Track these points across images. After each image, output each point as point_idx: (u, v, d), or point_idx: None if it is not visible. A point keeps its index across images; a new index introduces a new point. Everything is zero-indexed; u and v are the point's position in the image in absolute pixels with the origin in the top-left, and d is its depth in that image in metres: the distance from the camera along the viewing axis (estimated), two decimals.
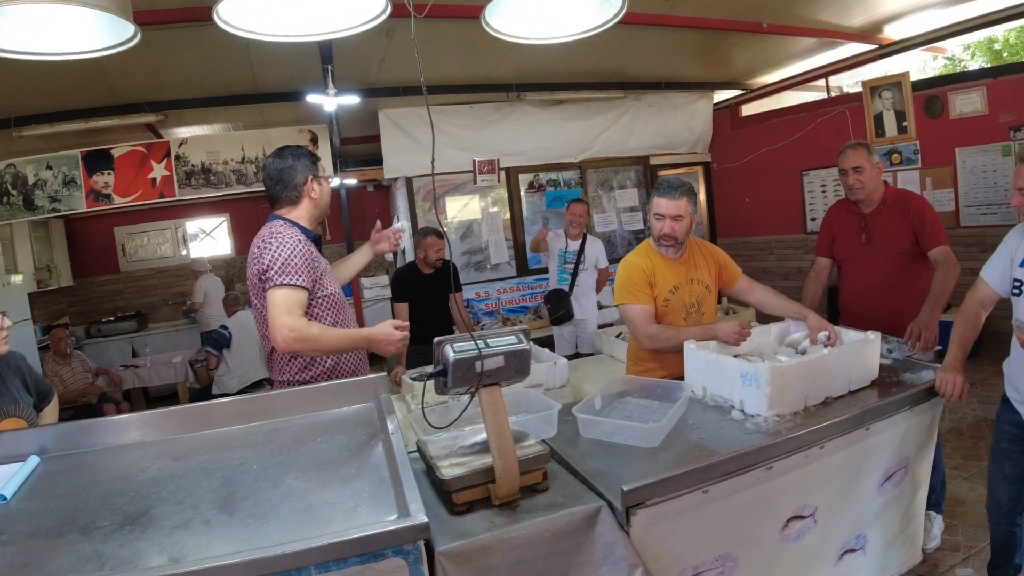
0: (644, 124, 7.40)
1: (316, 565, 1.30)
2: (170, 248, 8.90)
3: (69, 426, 2.14)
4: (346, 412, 2.11)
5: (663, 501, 1.77)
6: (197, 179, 6.41)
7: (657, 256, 2.86)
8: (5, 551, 1.49)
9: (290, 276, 2.28)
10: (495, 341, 1.63)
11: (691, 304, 2.86)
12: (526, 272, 7.06)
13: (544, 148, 6.98)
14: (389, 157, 6.49)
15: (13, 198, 6.38)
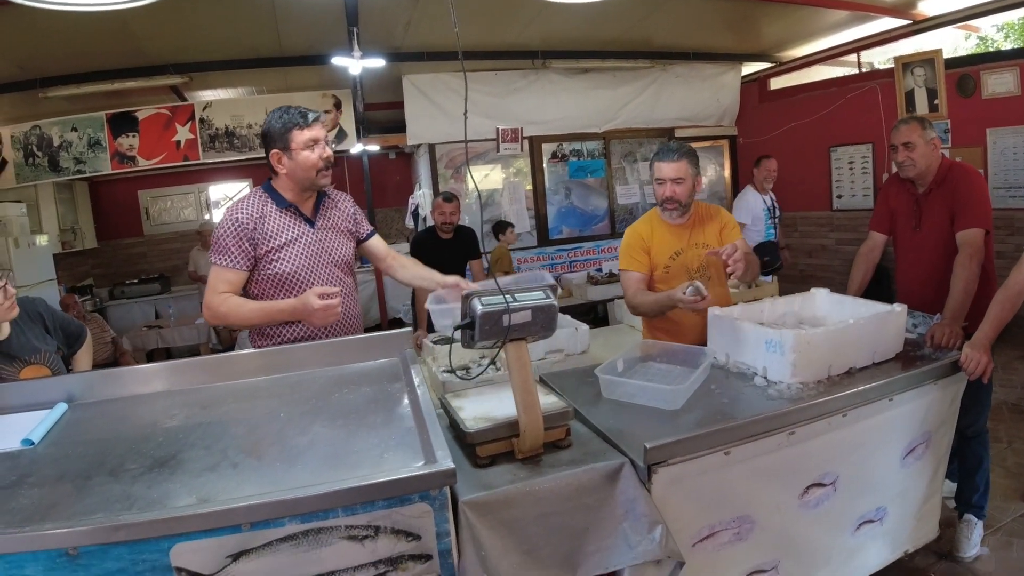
0: (670, 95, 7.29)
1: (344, 507, 1.33)
2: (193, 212, 8.97)
3: (96, 374, 2.19)
4: (371, 366, 2.13)
5: (684, 460, 1.77)
6: (221, 142, 6.44)
7: (660, 222, 2.86)
8: (33, 493, 1.53)
9: (217, 255, 2.32)
10: (523, 296, 1.62)
11: (695, 269, 2.83)
12: (547, 243, 7.04)
13: (568, 117, 6.91)
14: (412, 123, 6.46)
15: (38, 159, 6.46)
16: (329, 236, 2.47)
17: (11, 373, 2.20)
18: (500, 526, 1.57)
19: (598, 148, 7.25)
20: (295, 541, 1.34)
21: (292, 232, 2.39)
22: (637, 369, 2.41)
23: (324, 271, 2.43)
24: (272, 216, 2.37)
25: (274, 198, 2.40)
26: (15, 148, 6.44)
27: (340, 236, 2.52)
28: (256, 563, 1.35)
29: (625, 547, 1.67)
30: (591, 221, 7.27)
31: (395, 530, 1.37)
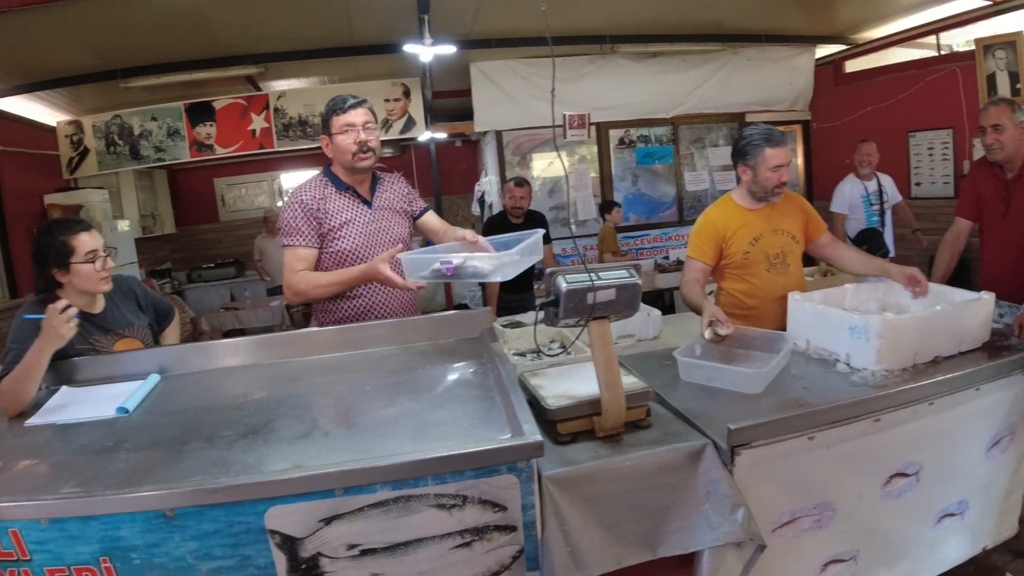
0: (741, 79, 7.11)
1: (434, 476, 1.35)
2: (266, 199, 9.24)
3: (187, 347, 2.29)
4: (451, 343, 2.16)
5: (768, 443, 1.74)
6: (294, 131, 6.60)
7: (736, 208, 2.81)
8: (129, 457, 1.61)
9: (288, 237, 2.48)
10: (607, 274, 1.62)
11: (775, 255, 2.77)
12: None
13: (636, 103, 6.81)
14: (480, 110, 6.49)
15: (119, 148, 6.74)
16: (385, 216, 2.61)
17: (105, 345, 2.30)
18: (582, 502, 1.57)
19: (666, 134, 7.13)
20: (385, 507, 1.38)
21: (351, 212, 2.54)
22: (714, 353, 2.38)
23: (381, 249, 2.52)
24: (332, 197, 2.53)
25: (333, 181, 2.56)
26: (97, 137, 6.74)
27: (396, 216, 2.66)
28: (347, 528, 1.39)
29: (707, 528, 1.65)
30: (658, 208, 7.17)
31: (482, 500, 1.39)
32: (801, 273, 2.88)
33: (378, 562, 1.42)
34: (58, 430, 1.84)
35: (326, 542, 1.40)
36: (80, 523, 1.38)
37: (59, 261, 2.20)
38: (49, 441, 1.77)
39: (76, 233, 2.22)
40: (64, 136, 6.78)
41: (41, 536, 1.39)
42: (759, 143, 2.70)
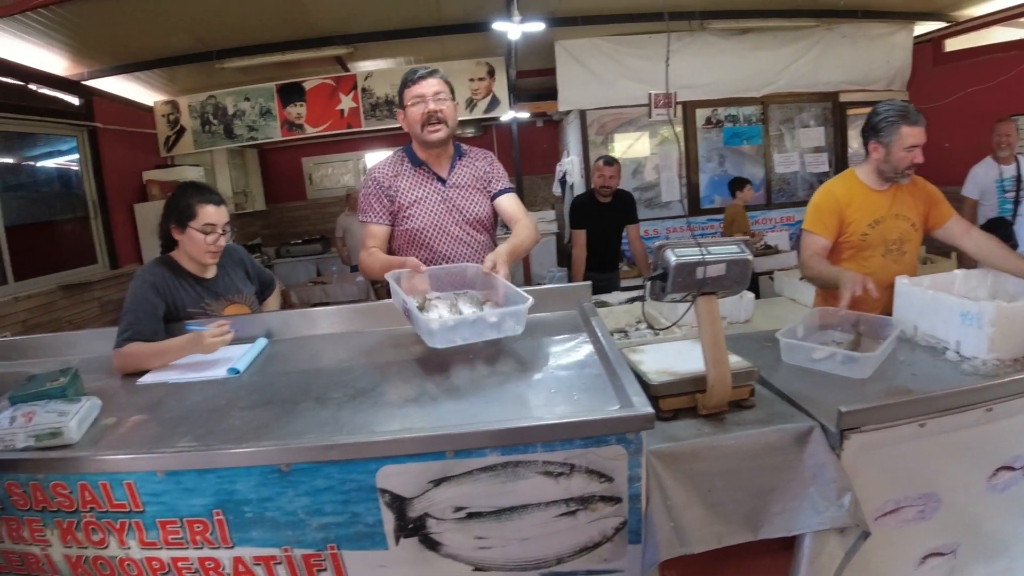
0: (836, 56, 6.80)
1: (543, 443, 1.37)
2: (351, 178, 9.47)
3: (293, 313, 2.38)
4: (549, 316, 2.17)
5: (878, 429, 1.68)
6: (381, 111, 6.73)
7: (860, 186, 2.69)
8: (244, 415, 1.68)
9: (362, 214, 2.54)
10: (717, 249, 1.59)
11: (893, 241, 2.67)
12: (697, 211, 6.83)
13: (725, 81, 6.61)
14: (564, 89, 6.43)
15: (214, 127, 7.02)
16: (461, 194, 2.55)
17: (216, 309, 2.42)
18: (685, 478, 1.56)
19: (755, 113, 6.90)
20: (494, 472, 1.40)
21: (422, 190, 2.51)
22: (815, 336, 2.31)
23: (453, 228, 2.53)
24: (406, 174, 2.53)
25: (409, 157, 2.56)
26: (192, 116, 7.05)
27: (474, 193, 2.58)
28: (455, 490, 1.42)
29: (812, 511, 1.61)
30: None
31: (589, 470, 1.40)
32: (915, 262, 2.76)
33: (483, 526, 1.45)
34: (170, 389, 1.93)
35: (434, 503, 1.43)
36: (196, 476, 1.45)
37: (180, 219, 2.33)
38: (162, 399, 1.85)
39: (205, 202, 2.34)
40: (161, 115, 7.12)
41: (156, 488, 1.47)
42: (895, 120, 2.58)
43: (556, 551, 1.48)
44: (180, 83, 6.89)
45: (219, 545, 1.49)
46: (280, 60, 6.22)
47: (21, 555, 1.60)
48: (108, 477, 1.47)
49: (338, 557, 1.49)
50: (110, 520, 1.51)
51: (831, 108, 7.05)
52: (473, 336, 1.77)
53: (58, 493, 1.50)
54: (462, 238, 2.54)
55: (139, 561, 1.54)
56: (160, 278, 2.30)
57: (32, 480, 1.50)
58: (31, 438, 1.56)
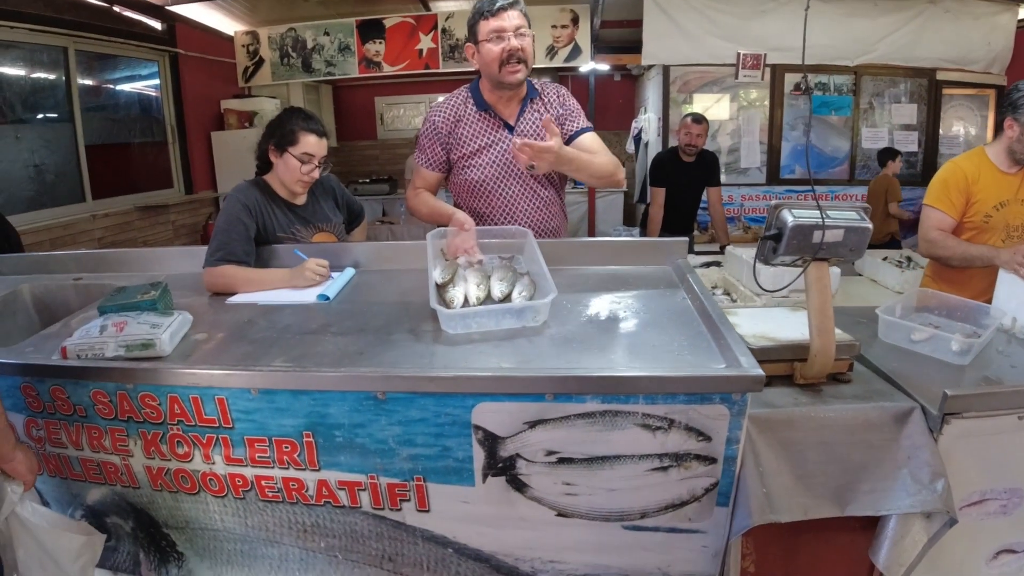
0: (935, 32, 6.41)
1: (645, 395, 1.35)
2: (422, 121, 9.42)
3: (381, 245, 2.39)
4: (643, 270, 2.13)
5: (980, 417, 1.63)
6: (460, 53, 6.63)
7: (989, 165, 2.57)
8: (337, 340, 1.69)
9: (417, 154, 2.48)
10: (836, 214, 1.52)
11: (1016, 227, 2.55)
12: (776, 181, 6.60)
13: (818, 46, 6.26)
14: (649, 43, 6.22)
15: (292, 60, 7.04)
16: None
17: (305, 236, 2.45)
18: (778, 445, 1.53)
19: (847, 83, 6.57)
20: (591, 419, 1.39)
21: (486, 138, 2.34)
22: (912, 318, 2.23)
23: (516, 181, 2.38)
24: (469, 119, 2.34)
25: (475, 99, 2.35)
26: (272, 48, 7.07)
27: None
28: (550, 434, 1.42)
29: (903, 493, 1.57)
30: (828, 164, 6.68)
31: (688, 427, 1.38)
32: None
33: (573, 472, 1.45)
34: (260, 310, 1.96)
35: (527, 444, 1.43)
36: (291, 396, 1.47)
37: (280, 142, 2.34)
38: (252, 319, 1.88)
39: (309, 131, 2.35)
40: (241, 45, 7.16)
41: (248, 406, 1.49)
42: None
43: (642, 505, 1.47)
44: (261, 14, 6.90)
45: (305, 467, 1.53)
46: None
47: (99, 463, 1.66)
48: (200, 391, 1.51)
49: (423, 489, 1.51)
50: (197, 434, 1.55)
51: (927, 85, 6.69)
52: (490, 324, 1.70)
53: (147, 404, 1.54)
54: (526, 193, 2.40)
55: (222, 476, 1.59)
56: (253, 200, 2.32)
57: (120, 390, 1.54)
58: (121, 348, 1.58)
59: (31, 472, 1.56)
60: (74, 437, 1.63)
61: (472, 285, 1.83)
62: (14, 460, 1.52)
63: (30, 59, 4.96)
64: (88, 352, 1.58)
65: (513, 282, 1.84)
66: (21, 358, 1.65)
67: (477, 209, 2.42)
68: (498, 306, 1.74)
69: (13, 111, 4.81)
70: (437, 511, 1.54)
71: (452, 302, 1.78)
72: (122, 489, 1.68)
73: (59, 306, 2.38)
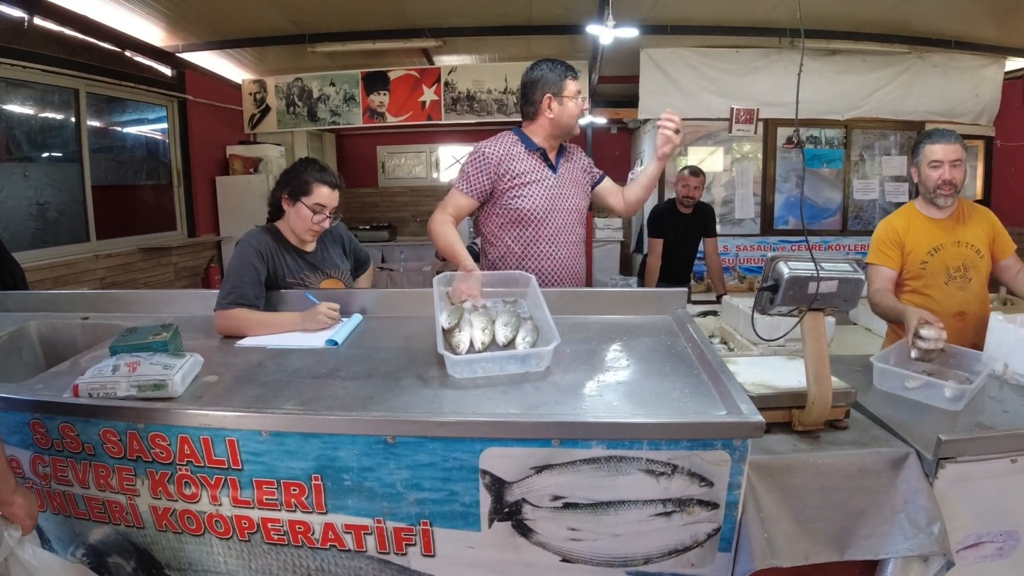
0: (924, 86, 6.62)
1: (649, 440, 1.38)
2: (423, 170, 9.61)
3: (388, 292, 2.43)
4: (643, 320, 2.18)
5: (973, 460, 1.67)
6: (462, 105, 6.82)
7: (918, 216, 2.70)
8: (347, 385, 1.72)
9: (459, 181, 2.64)
10: (830, 265, 1.58)
11: (955, 268, 2.64)
12: (771, 231, 6.72)
13: (810, 101, 6.48)
14: (645, 97, 6.41)
15: (299, 109, 7.20)
16: (567, 184, 2.69)
17: (313, 282, 2.50)
18: (778, 491, 1.56)
19: (838, 137, 6.75)
20: (597, 464, 1.42)
21: (537, 173, 2.63)
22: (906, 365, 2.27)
23: (561, 215, 2.66)
24: (520, 156, 2.63)
25: (524, 141, 2.66)
26: (279, 97, 7.25)
27: (577, 187, 2.73)
28: (556, 479, 1.44)
29: (901, 537, 1.60)
30: (821, 215, 6.81)
31: (691, 472, 1.41)
32: (984, 290, 2.72)
33: (577, 517, 1.47)
34: (269, 354, 1.99)
35: (533, 490, 1.46)
36: (301, 439, 1.50)
37: (293, 191, 2.41)
38: (262, 362, 1.91)
39: (323, 183, 2.42)
40: (248, 93, 7.33)
41: (258, 448, 1.52)
42: (922, 140, 2.66)
43: (645, 551, 1.50)
44: (269, 63, 7.08)
45: (312, 510, 1.54)
46: (370, 48, 6.33)
47: (105, 502, 1.66)
48: (211, 433, 1.53)
49: (429, 533, 1.53)
50: (205, 475, 1.56)
51: (916, 138, 6.86)
52: (495, 369, 1.76)
53: (156, 444, 1.56)
54: (565, 227, 2.68)
55: (228, 518, 1.59)
56: (264, 245, 2.38)
57: (131, 429, 1.56)
58: (134, 388, 1.61)
59: (30, 517, 1.55)
60: (80, 475, 1.64)
61: (477, 330, 1.88)
62: (13, 504, 1.51)
63: (41, 99, 5.06)
64: (100, 391, 1.61)
65: (517, 327, 1.90)
66: (32, 395, 1.67)
67: (521, 239, 2.64)
68: (503, 353, 1.79)
69: (21, 149, 4.87)
70: (443, 556, 1.55)
71: (458, 347, 1.83)
72: (126, 529, 1.69)
73: (66, 345, 2.40)
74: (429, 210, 2.72)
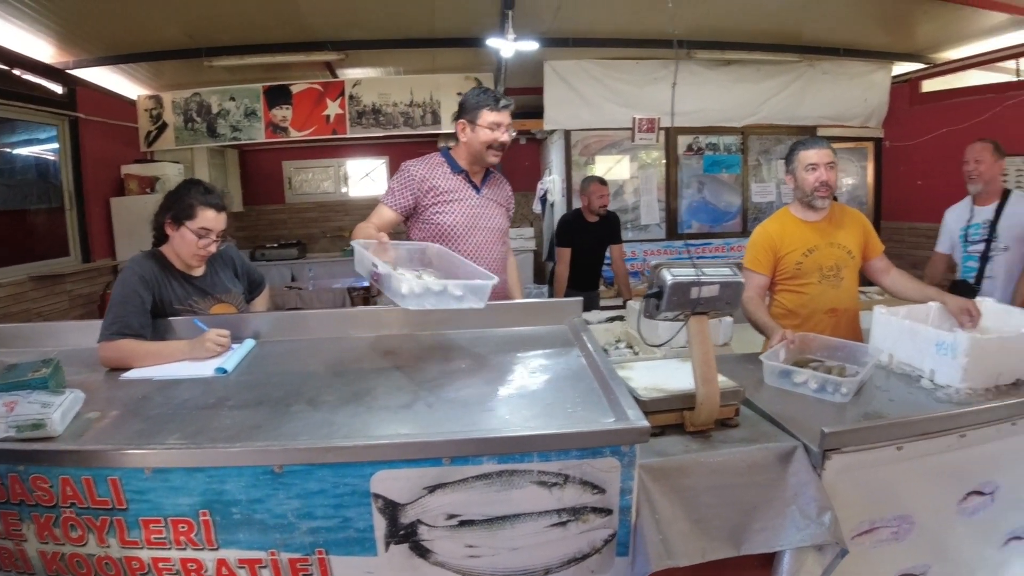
0: (816, 92, 6.97)
1: (540, 453, 1.39)
2: (331, 185, 9.41)
3: (282, 315, 2.37)
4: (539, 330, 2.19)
5: (858, 450, 1.75)
6: (367, 119, 6.72)
7: (792, 219, 2.84)
8: (234, 414, 1.66)
9: (384, 195, 2.71)
10: (712, 271, 1.64)
11: (828, 267, 2.79)
12: (676, 236, 6.92)
13: (707, 110, 6.70)
14: (550, 109, 6.50)
15: (197, 125, 6.94)
16: (489, 205, 2.77)
17: (203, 308, 2.40)
18: (672, 492, 1.59)
19: (735, 143, 7.03)
20: (489, 480, 1.41)
21: (460, 192, 2.72)
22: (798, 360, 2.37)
23: (481, 233, 2.74)
24: (444, 176, 2.72)
25: (449, 163, 2.76)
26: (176, 113, 6.94)
27: (498, 208, 2.82)
28: (449, 498, 1.43)
29: (793, 528, 1.66)
30: (722, 218, 7.07)
31: (583, 481, 1.42)
32: (855, 288, 2.90)
33: (474, 534, 1.46)
34: (155, 385, 1.90)
35: (427, 510, 1.44)
36: (185, 474, 1.44)
37: (176, 216, 2.31)
38: (148, 395, 1.83)
39: (207, 205, 2.33)
40: (144, 110, 7.00)
41: (142, 486, 1.45)
42: (795, 147, 2.81)
43: (545, 561, 1.50)
44: (166, 78, 6.80)
45: (203, 546, 1.48)
46: (270, 62, 6.17)
47: None
48: (92, 472, 1.45)
49: (326, 562, 1.48)
50: (91, 517, 1.48)
51: None
52: (440, 304, 1.83)
53: (38, 487, 1.47)
54: (485, 244, 2.76)
55: (118, 560, 1.51)
56: (149, 272, 2.28)
57: (11, 472, 1.47)
58: (12, 428, 1.52)
59: None
60: None
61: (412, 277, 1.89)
62: None
63: None
64: None
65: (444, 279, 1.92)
66: None
67: None
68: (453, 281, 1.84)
69: None
70: None
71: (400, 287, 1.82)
72: None
73: None
74: (339, 226, 2.72)
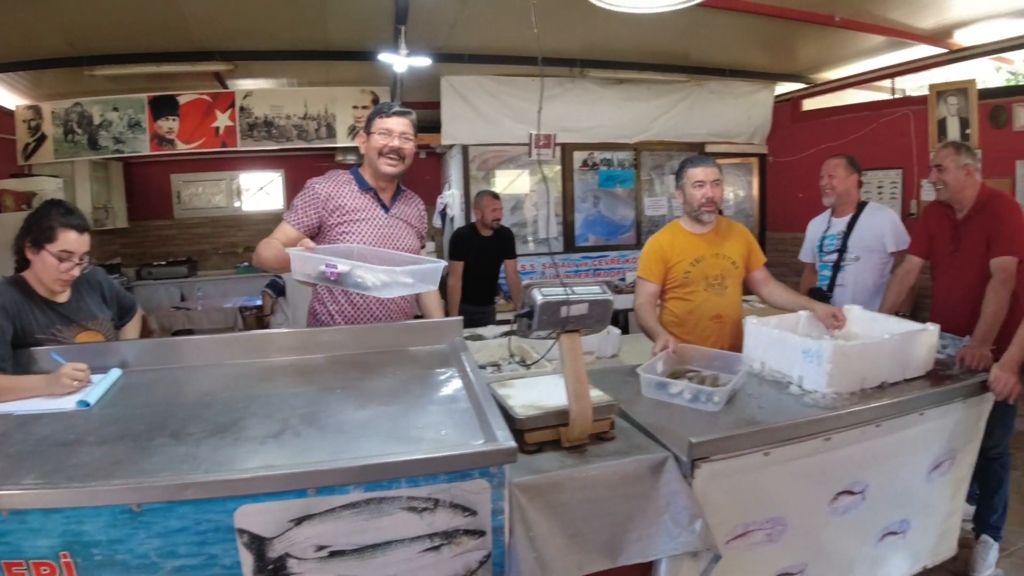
0: (703, 110, 7.29)
1: (407, 479, 1.38)
2: (224, 199, 9.04)
3: (151, 342, 2.26)
4: (421, 351, 2.18)
5: (727, 458, 1.83)
6: (259, 131, 6.53)
7: (682, 232, 3.01)
8: (93, 451, 1.58)
9: (288, 213, 2.61)
10: (581, 290, 1.68)
11: (714, 277, 2.95)
12: (573, 249, 7.05)
13: (601, 127, 6.90)
14: (448, 124, 6.50)
15: (78, 136, 6.55)
16: (399, 225, 2.68)
17: (68, 336, 2.26)
18: (548, 509, 1.62)
19: (629, 159, 7.25)
20: (357, 509, 1.39)
21: (367, 212, 2.61)
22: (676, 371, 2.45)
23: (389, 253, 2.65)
24: (352, 194, 2.61)
25: (358, 181, 2.66)
26: (55, 124, 6.54)
27: (408, 228, 2.73)
28: (317, 529, 1.40)
29: (666, 537, 1.72)
30: (617, 231, 7.27)
31: (453, 504, 1.42)
32: (738, 296, 3.07)
33: (346, 564, 1.43)
34: (14, 421, 1.79)
35: (295, 543, 1.40)
36: (42, 515, 1.36)
37: (36, 239, 2.18)
38: (7, 432, 1.72)
39: (68, 227, 2.20)
40: (22, 121, 6.54)
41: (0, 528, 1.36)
42: (684, 165, 2.98)
43: None
44: (45, 88, 6.40)
45: None
46: (155, 71, 5.90)
47: None
48: None
49: None
50: None
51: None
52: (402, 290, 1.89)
53: None
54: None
55: None
56: (9, 300, 2.14)
57: None
58: None
59: None
60: None
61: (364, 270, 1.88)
62: None
63: None
64: None
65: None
66: None
67: None
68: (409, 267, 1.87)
69: None
70: None
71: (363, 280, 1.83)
72: None
73: None
74: (232, 242, 2.60)
